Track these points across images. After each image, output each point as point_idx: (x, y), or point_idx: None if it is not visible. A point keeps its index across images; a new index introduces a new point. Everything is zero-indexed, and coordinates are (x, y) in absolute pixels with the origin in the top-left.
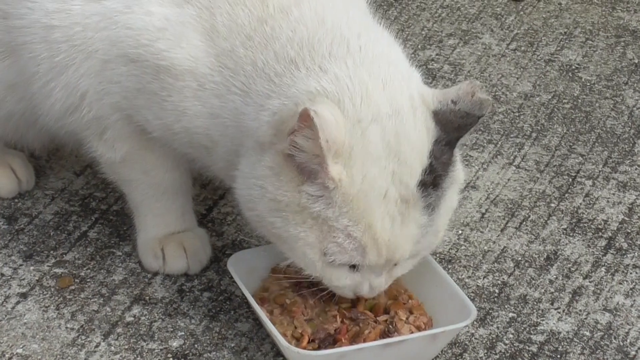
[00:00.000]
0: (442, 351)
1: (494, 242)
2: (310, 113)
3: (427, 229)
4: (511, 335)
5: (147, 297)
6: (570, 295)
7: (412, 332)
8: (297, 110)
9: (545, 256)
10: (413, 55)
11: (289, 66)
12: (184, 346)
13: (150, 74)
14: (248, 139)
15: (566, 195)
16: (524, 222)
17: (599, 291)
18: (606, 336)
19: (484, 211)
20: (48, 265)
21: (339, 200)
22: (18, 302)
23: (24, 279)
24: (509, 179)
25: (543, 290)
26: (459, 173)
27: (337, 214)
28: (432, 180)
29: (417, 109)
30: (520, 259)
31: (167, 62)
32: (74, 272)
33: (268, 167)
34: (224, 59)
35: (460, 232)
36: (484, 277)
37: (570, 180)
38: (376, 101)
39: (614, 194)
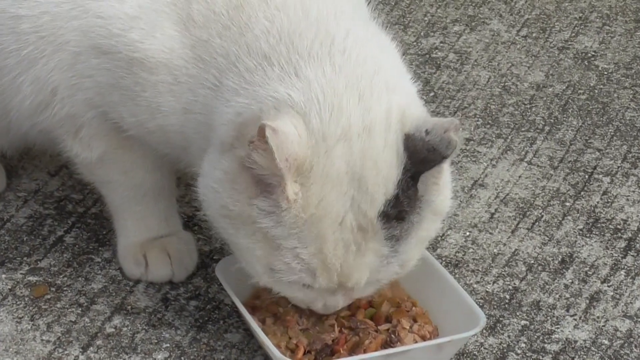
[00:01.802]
0: None
1: (504, 245)
2: (267, 132)
3: (390, 260)
4: (523, 345)
5: (129, 307)
6: (588, 301)
7: (416, 342)
8: (260, 116)
9: (560, 259)
10: (415, 43)
11: (262, 62)
12: (169, 359)
13: (124, 68)
14: (213, 134)
15: (582, 193)
16: (537, 223)
17: (618, 296)
18: (626, 345)
19: (493, 211)
20: (21, 273)
21: (289, 221)
22: None
23: None
24: (520, 176)
25: (558, 296)
26: (442, 202)
27: (285, 234)
28: (397, 214)
29: (391, 128)
30: (532, 262)
31: (141, 54)
32: (49, 280)
33: (224, 171)
34: (199, 50)
35: (467, 234)
36: (494, 282)
37: (587, 177)
38: (348, 116)
39: (633, 192)
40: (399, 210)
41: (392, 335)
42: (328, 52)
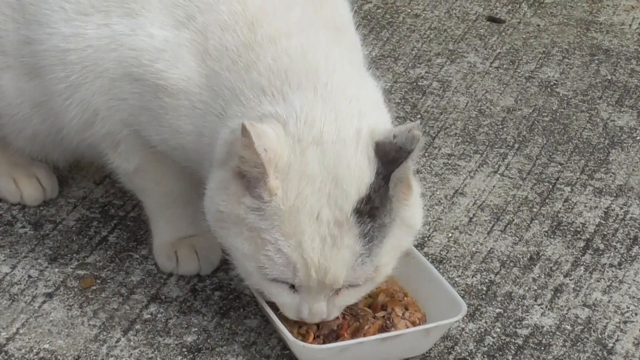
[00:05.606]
0: (435, 344)
1: (481, 244)
2: (247, 126)
3: (364, 259)
4: (498, 329)
5: (163, 296)
6: (552, 292)
7: (407, 327)
8: None
9: (528, 256)
10: (404, 73)
11: (259, 93)
12: (197, 341)
13: (150, 92)
14: (214, 155)
15: (547, 200)
16: (509, 226)
17: (578, 288)
18: (586, 330)
19: (471, 215)
20: (71, 267)
21: (271, 212)
22: (44, 302)
23: (49, 280)
24: (494, 186)
25: (527, 288)
26: (412, 217)
27: (269, 227)
28: (369, 211)
29: (361, 140)
30: (505, 259)
31: (165, 82)
32: (95, 273)
33: (219, 180)
34: (212, 80)
35: (450, 235)
36: (473, 276)
37: (551, 186)
38: (320, 126)
39: (590, 199)
40: (371, 207)
41: (388, 321)
42: (313, 85)
